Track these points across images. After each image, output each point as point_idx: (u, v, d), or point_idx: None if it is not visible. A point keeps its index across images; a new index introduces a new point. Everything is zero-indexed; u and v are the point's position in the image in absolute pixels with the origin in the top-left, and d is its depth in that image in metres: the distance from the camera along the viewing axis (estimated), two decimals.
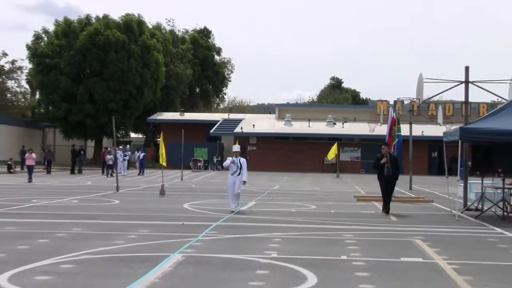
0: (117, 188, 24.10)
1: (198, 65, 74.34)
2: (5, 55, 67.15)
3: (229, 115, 62.64)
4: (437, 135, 34.83)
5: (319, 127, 54.19)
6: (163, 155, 24.06)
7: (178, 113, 61.28)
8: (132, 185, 28.54)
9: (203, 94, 79.87)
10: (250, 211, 16.75)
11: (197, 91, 78.82)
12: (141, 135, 71.23)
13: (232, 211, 15.96)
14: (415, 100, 25.24)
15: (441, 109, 38.02)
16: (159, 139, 31.25)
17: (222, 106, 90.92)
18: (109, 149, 40.91)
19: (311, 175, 44.75)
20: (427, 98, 22.84)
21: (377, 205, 19.07)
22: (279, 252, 9.83)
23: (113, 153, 37.61)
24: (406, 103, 41.17)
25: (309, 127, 54.35)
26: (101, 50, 53.75)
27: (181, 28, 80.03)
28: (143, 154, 43.73)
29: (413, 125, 31.08)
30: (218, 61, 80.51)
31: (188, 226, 13.08)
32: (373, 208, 18.60)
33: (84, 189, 25.64)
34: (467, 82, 18.92)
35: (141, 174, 40.58)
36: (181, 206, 17.98)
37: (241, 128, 53.96)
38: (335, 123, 55.12)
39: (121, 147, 42.44)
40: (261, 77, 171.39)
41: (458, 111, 50.68)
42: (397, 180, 17.13)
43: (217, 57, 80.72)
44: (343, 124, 54.68)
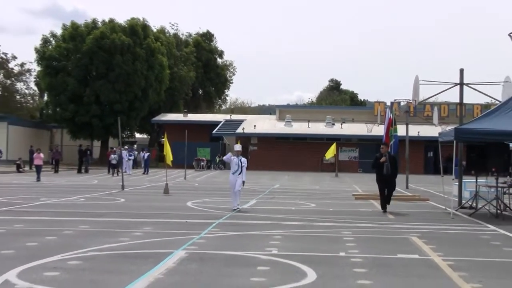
0: (123, 187, 24.13)
1: (201, 68, 74.32)
2: (15, 58, 67.22)
3: (231, 116, 62.63)
4: (432, 135, 34.80)
5: (318, 128, 54.15)
6: (168, 155, 23.95)
7: (181, 114, 61.29)
8: (137, 184, 28.56)
9: (205, 95, 79.85)
10: (251, 209, 16.75)
11: (200, 93, 78.80)
12: (145, 136, 71.30)
13: (234, 209, 15.96)
14: (411, 101, 25.26)
15: (437, 110, 38.07)
16: (163, 139, 31.22)
17: (224, 107, 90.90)
18: (114, 149, 40.93)
19: (311, 174, 44.72)
20: (423, 99, 22.84)
21: (375, 204, 19.07)
22: (280, 249, 9.83)
23: (118, 153, 37.71)
24: (402, 104, 41.27)
25: (308, 127, 54.30)
26: (107, 53, 53.76)
27: (184, 31, 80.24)
28: (148, 154, 43.80)
29: (409, 126, 31.10)
30: (220, 64, 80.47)
31: (191, 223, 13.08)
32: (371, 206, 18.60)
33: (90, 187, 25.65)
34: (461, 84, 18.94)
35: (146, 173, 40.60)
36: (185, 204, 17.99)
37: (243, 128, 53.94)
38: (333, 124, 55.10)
39: (126, 147, 42.46)
40: (262, 79, 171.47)
41: (453, 112, 50.70)
42: (396, 178, 17.10)
43: (219, 60, 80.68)
44: (342, 124, 54.66)
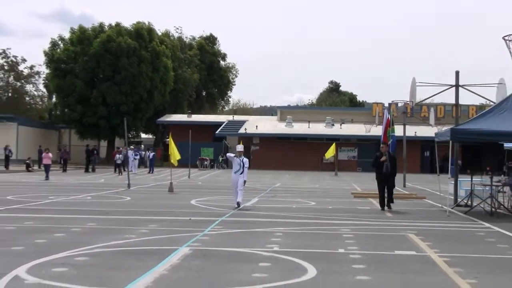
0: (129, 185, 24.14)
1: (204, 70, 74.33)
2: (24, 61, 67.45)
3: (234, 116, 62.68)
4: (429, 135, 34.79)
5: (318, 128, 54.14)
6: (174, 154, 23.86)
7: (185, 115, 61.32)
8: (142, 183, 28.58)
9: (209, 97, 79.87)
10: (253, 207, 16.74)
11: (204, 94, 78.82)
12: (151, 136, 71.34)
13: (236, 205, 15.94)
14: (408, 102, 25.28)
15: (433, 111, 37.97)
16: (168, 140, 31.22)
17: (227, 108, 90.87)
18: (121, 149, 40.93)
19: (311, 173, 44.71)
20: (419, 100, 22.78)
21: (373, 202, 19.07)
22: (281, 245, 9.82)
23: (124, 153, 37.71)
24: (400, 105, 41.25)
25: (309, 128, 54.30)
26: (113, 56, 53.80)
27: (188, 35, 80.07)
28: (153, 153, 43.84)
29: (406, 126, 31.09)
30: (223, 66, 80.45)
31: (195, 221, 13.08)
32: (369, 204, 18.58)
33: (97, 186, 25.67)
34: (457, 86, 18.90)
35: (151, 172, 40.62)
36: (189, 202, 17.99)
37: (245, 129, 53.96)
38: (333, 124, 55.08)
39: (132, 147, 42.48)
40: (263, 81, 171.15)
41: (449, 113, 50.58)
42: (395, 176, 17.07)
43: (222, 63, 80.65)
44: (341, 125, 54.65)
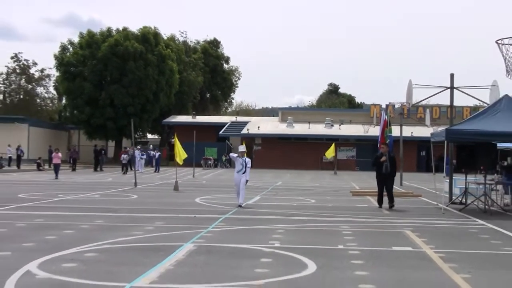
0: (135, 184, 24.16)
1: (208, 73, 74.34)
2: (35, 64, 67.72)
3: (237, 118, 62.67)
4: (425, 135, 34.77)
5: (318, 129, 54.14)
6: (179, 154, 23.87)
7: (190, 116, 61.38)
8: (148, 182, 28.58)
9: (213, 99, 79.88)
10: (255, 205, 16.74)
11: (208, 96, 78.84)
12: (157, 136, 71.40)
13: (239, 205, 15.95)
14: (405, 104, 25.25)
15: (429, 112, 37.97)
16: (173, 140, 31.22)
17: (230, 109, 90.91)
18: (128, 149, 40.95)
19: (311, 172, 44.70)
20: (416, 102, 22.79)
21: (371, 200, 19.05)
22: (282, 242, 9.83)
23: (131, 153, 37.71)
24: (397, 106, 41.18)
25: (309, 128, 54.31)
26: (120, 59, 53.87)
27: (193, 39, 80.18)
28: (159, 153, 43.85)
29: (403, 127, 31.12)
30: (226, 69, 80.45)
31: (199, 218, 13.09)
32: (368, 202, 18.56)
33: (105, 185, 25.68)
34: (452, 88, 18.90)
35: (157, 171, 40.64)
36: (193, 200, 18.00)
37: (248, 129, 53.98)
38: (332, 125, 55.09)
39: (139, 147, 42.51)
40: (265, 83, 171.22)
41: (444, 114, 50.61)
42: (395, 176, 17.01)
43: (225, 66, 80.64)
44: (340, 126, 54.65)
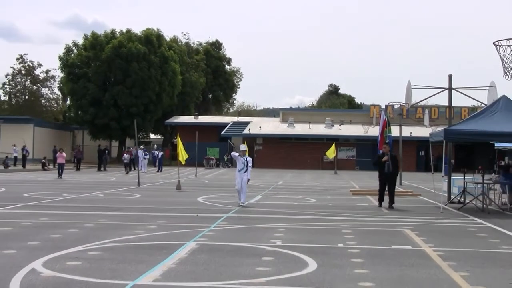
0: (138, 183, 24.17)
1: (210, 74, 74.38)
2: (40, 65, 67.96)
3: (238, 118, 62.69)
4: (424, 136, 34.76)
5: (318, 129, 54.13)
6: (182, 153, 23.92)
7: (192, 117, 61.40)
8: (151, 181, 28.60)
9: (215, 99, 79.94)
10: (257, 204, 16.74)
11: (210, 97, 78.89)
12: (160, 136, 71.45)
13: (240, 204, 15.94)
14: (404, 104, 25.22)
15: (428, 112, 37.91)
16: (176, 140, 31.24)
17: (232, 110, 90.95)
18: (131, 148, 40.95)
19: (312, 172, 44.69)
20: (415, 102, 22.76)
21: (371, 199, 19.05)
22: (283, 240, 9.83)
23: (134, 152, 37.71)
24: (396, 107, 41.15)
25: (309, 128, 54.30)
26: (124, 60, 53.90)
27: (195, 40, 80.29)
28: (161, 153, 43.83)
29: (402, 127, 31.08)
30: (228, 70, 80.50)
31: (201, 217, 13.08)
32: (367, 201, 18.55)
33: (109, 184, 25.70)
34: (450, 88, 18.87)
35: (160, 171, 40.63)
36: (195, 199, 18.00)
37: (249, 129, 53.96)
38: (333, 125, 55.07)
39: (142, 147, 42.51)
40: (266, 84, 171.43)
41: (442, 114, 50.56)
42: (397, 176, 16.94)
43: (227, 67, 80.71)
44: (340, 126, 54.64)
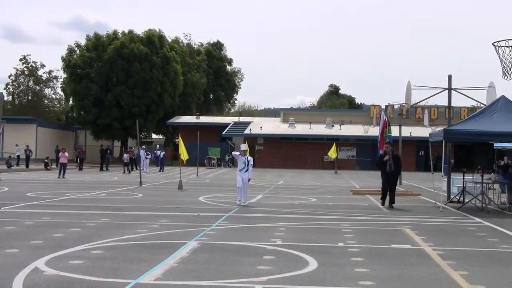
0: (140, 183, 24.18)
1: (211, 74, 74.39)
2: (43, 66, 67.91)
3: (239, 118, 62.71)
4: (423, 136, 34.71)
5: (319, 129, 54.11)
6: (184, 153, 23.96)
7: (194, 117, 61.41)
8: (153, 181, 28.60)
9: (216, 100, 79.94)
10: (257, 203, 16.73)
11: (211, 97, 78.90)
12: (161, 136, 71.49)
13: (241, 204, 15.92)
14: (404, 104, 25.19)
15: (427, 112, 37.89)
16: (177, 140, 31.27)
17: (233, 110, 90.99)
18: (133, 148, 40.96)
19: (312, 171, 44.68)
20: (414, 103, 22.73)
21: (371, 198, 19.04)
22: (284, 239, 9.82)
23: (136, 152, 37.68)
24: (396, 107, 41.18)
25: (310, 129, 54.28)
26: (126, 61, 53.95)
27: (196, 41, 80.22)
28: (163, 153, 43.83)
29: (402, 127, 31.07)
30: (229, 71, 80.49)
31: (203, 216, 13.08)
32: (367, 200, 18.55)
33: (111, 184, 25.70)
34: (450, 89, 18.85)
35: (161, 171, 40.63)
36: (197, 199, 18.00)
37: (250, 130, 53.96)
38: (333, 125, 55.06)
39: (144, 146, 42.50)
40: (267, 84, 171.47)
41: (442, 114, 50.47)
42: (399, 175, 16.84)
43: (228, 67, 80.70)
44: (340, 126, 54.62)
